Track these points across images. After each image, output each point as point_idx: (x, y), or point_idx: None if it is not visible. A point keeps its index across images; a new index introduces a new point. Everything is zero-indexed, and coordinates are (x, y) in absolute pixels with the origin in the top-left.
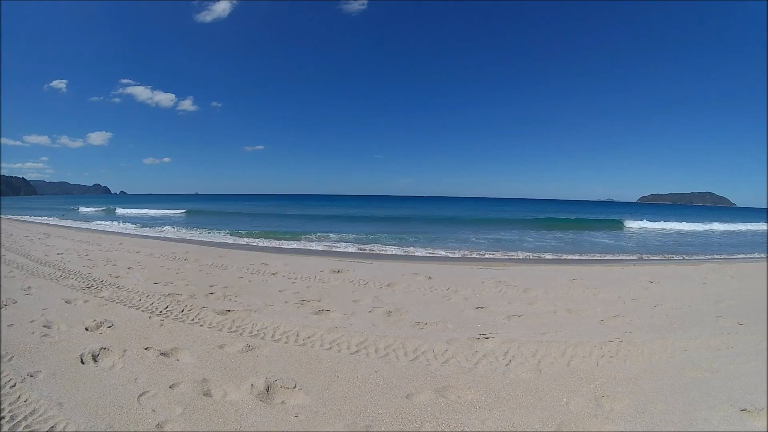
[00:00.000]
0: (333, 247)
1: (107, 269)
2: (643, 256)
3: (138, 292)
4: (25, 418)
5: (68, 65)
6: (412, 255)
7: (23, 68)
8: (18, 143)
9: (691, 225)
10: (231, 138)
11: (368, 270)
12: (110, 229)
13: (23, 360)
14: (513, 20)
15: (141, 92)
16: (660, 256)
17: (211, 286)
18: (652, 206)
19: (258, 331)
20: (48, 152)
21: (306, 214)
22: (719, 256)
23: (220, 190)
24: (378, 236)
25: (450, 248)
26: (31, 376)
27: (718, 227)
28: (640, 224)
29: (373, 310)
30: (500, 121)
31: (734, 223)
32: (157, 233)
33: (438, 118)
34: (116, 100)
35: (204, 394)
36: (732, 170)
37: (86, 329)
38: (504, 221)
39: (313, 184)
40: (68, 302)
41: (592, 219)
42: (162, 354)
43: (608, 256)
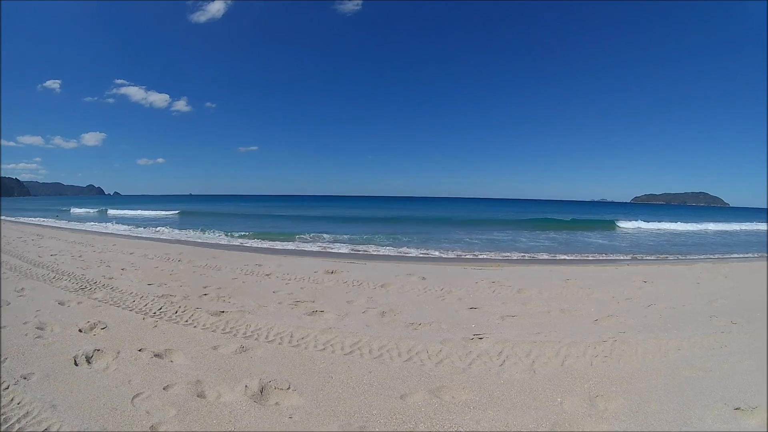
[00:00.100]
0: (327, 248)
1: (101, 270)
2: (637, 256)
3: (132, 294)
4: (19, 421)
5: (62, 65)
6: (406, 255)
7: (17, 68)
8: (11, 144)
9: (685, 225)
10: (225, 138)
11: (362, 271)
12: (104, 231)
13: (17, 362)
14: (511, 20)
15: (135, 93)
16: (654, 256)
17: (205, 288)
18: (646, 206)
19: (252, 332)
20: (41, 153)
21: (300, 215)
22: (713, 256)
23: (214, 191)
24: (372, 237)
25: (444, 248)
26: (25, 378)
27: (712, 227)
28: (634, 224)
29: (367, 311)
30: (499, 121)
31: (728, 223)
32: (151, 234)
33: (437, 118)
34: (110, 101)
35: (198, 396)
36: (726, 171)
37: (80, 331)
38: (498, 222)
39: (308, 185)
40: (62, 304)
41: (587, 219)
42: (156, 355)
43: (602, 256)
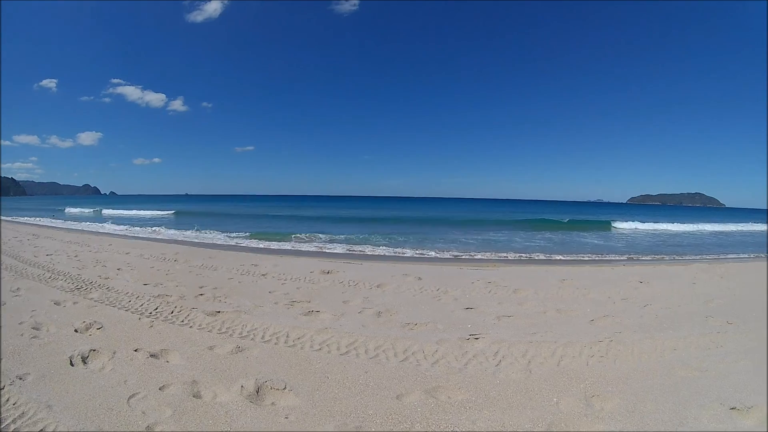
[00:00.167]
0: (323, 248)
1: (97, 270)
2: (633, 257)
3: (127, 294)
4: (14, 421)
5: (58, 65)
6: (402, 256)
7: (12, 67)
8: (7, 143)
9: (681, 226)
10: (221, 138)
11: (358, 271)
12: (100, 230)
13: (12, 362)
14: (511, 20)
15: (131, 92)
16: (650, 257)
17: (201, 288)
18: (642, 207)
19: (248, 333)
20: (37, 152)
21: (296, 215)
22: (709, 256)
23: (211, 191)
24: (368, 237)
25: (440, 249)
26: (20, 379)
27: (708, 228)
28: (631, 225)
29: (363, 311)
30: (499, 121)
31: (724, 224)
32: (147, 234)
33: (437, 118)
34: (106, 100)
35: (194, 396)
36: (722, 171)
37: (76, 331)
38: (494, 222)
39: (305, 185)
40: (57, 304)
41: (583, 220)
42: (152, 355)
43: (598, 257)
